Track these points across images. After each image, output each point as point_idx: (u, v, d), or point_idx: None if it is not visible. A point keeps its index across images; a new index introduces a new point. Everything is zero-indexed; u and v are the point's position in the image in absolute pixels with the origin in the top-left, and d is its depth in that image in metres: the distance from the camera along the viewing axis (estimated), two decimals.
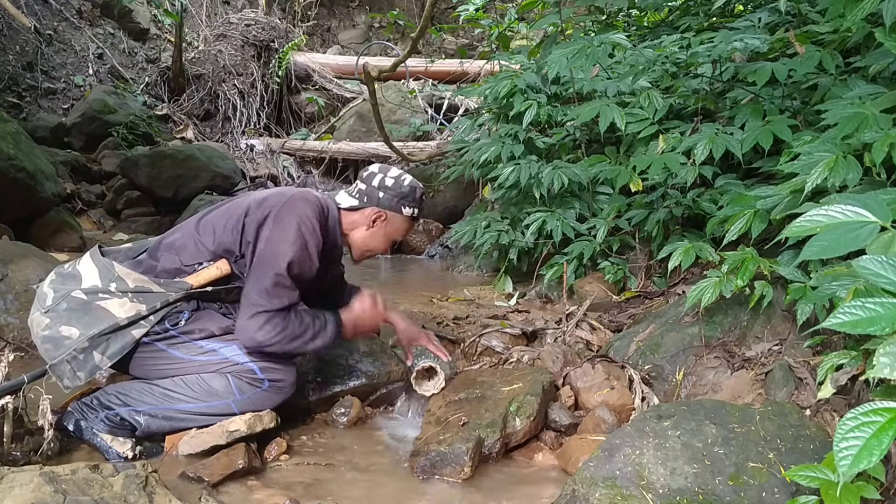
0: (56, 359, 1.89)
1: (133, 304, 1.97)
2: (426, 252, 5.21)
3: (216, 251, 2.08)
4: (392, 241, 2.31)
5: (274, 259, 1.99)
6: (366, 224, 2.25)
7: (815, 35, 2.83)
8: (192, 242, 2.09)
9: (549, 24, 3.92)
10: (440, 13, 10.06)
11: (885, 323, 1.15)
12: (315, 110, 8.35)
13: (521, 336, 2.80)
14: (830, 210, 1.37)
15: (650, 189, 3.17)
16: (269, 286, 1.97)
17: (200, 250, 2.08)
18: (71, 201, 5.94)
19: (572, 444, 2.05)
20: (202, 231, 2.11)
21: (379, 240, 2.28)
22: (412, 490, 1.87)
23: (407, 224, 2.30)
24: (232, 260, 2.09)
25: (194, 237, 2.10)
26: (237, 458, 1.90)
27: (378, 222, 2.25)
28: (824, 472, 1.34)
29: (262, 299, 1.97)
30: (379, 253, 2.35)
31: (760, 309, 2.25)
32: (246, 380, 2.02)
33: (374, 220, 2.25)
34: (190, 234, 2.11)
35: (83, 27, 8.15)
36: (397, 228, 2.28)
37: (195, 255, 2.08)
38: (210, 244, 2.08)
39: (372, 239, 2.28)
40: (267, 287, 1.97)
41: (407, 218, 2.27)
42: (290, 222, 2.02)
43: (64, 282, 2.02)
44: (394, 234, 2.29)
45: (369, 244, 2.29)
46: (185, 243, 2.10)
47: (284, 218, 2.03)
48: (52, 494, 1.46)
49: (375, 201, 2.23)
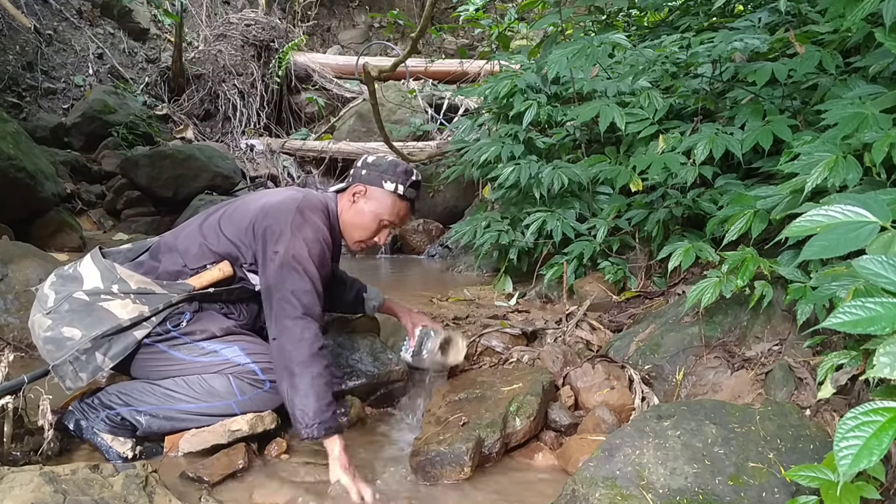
0: (58, 359, 1.89)
1: (136, 306, 1.97)
2: (426, 252, 5.21)
3: (221, 253, 2.08)
4: (379, 222, 2.18)
5: (306, 271, 1.96)
6: (349, 202, 2.19)
7: (815, 35, 2.83)
8: (196, 245, 2.09)
9: (549, 24, 3.92)
10: (440, 13, 10.06)
11: (885, 322, 1.15)
12: (315, 110, 8.36)
13: (521, 336, 2.79)
14: (830, 210, 1.37)
15: (650, 189, 3.17)
16: (312, 297, 1.95)
17: (205, 253, 2.08)
18: (71, 201, 5.94)
19: (572, 444, 2.05)
20: (207, 234, 2.10)
21: (363, 218, 2.17)
22: (412, 490, 1.87)
23: (391, 199, 2.16)
24: (236, 264, 2.10)
25: (199, 240, 2.09)
26: (237, 458, 1.91)
27: (358, 197, 2.17)
28: (824, 472, 1.34)
29: (306, 307, 1.93)
30: (370, 238, 2.22)
31: (760, 309, 2.25)
32: (247, 380, 2.02)
33: (355, 195, 2.18)
34: (194, 237, 2.11)
35: (83, 27, 8.15)
36: (381, 204, 2.16)
37: (199, 257, 2.08)
38: (216, 247, 2.08)
39: (356, 217, 2.18)
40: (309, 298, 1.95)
41: (389, 193, 2.15)
42: (307, 235, 2.00)
43: (65, 283, 2.02)
44: (380, 211, 2.16)
45: (354, 222, 2.18)
46: (188, 246, 2.09)
47: (302, 231, 2.00)
48: (52, 494, 1.46)
49: (358, 179, 2.19)
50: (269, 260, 1.98)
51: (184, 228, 2.19)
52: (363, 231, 2.19)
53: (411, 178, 2.19)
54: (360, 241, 2.22)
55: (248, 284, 2.13)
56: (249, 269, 2.11)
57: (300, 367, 1.85)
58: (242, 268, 2.11)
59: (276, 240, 1.99)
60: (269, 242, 2.00)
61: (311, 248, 1.99)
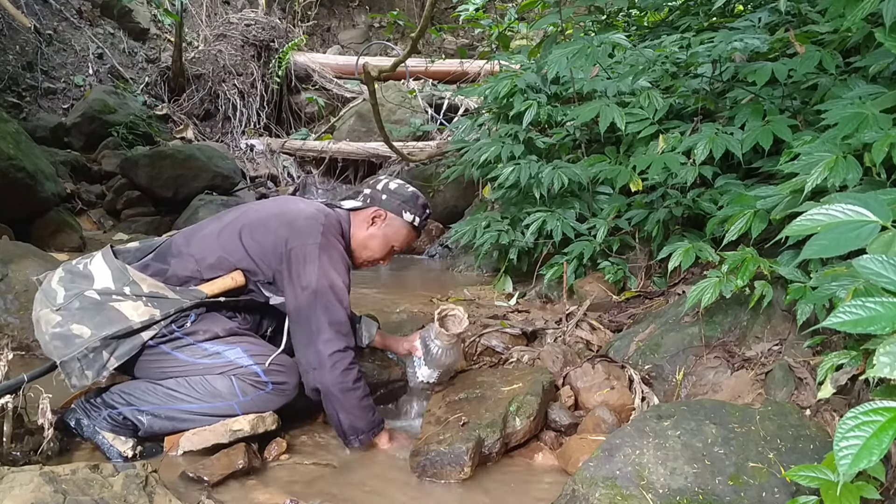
0: (66, 356, 1.89)
1: (147, 309, 1.98)
2: (426, 252, 5.21)
3: (240, 267, 2.10)
4: (391, 247, 2.29)
5: (338, 298, 2.03)
6: (366, 223, 2.26)
7: (815, 35, 2.83)
8: (213, 256, 2.09)
9: (549, 24, 3.92)
10: (440, 13, 10.05)
11: (885, 322, 1.15)
12: (315, 110, 8.36)
13: (521, 336, 2.79)
14: (831, 209, 1.37)
15: (650, 189, 3.17)
16: (342, 326, 2.03)
17: (223, 265, 2.09)
18: (71, 201, 5.94)
19: (572, 444, 2.05)
20: (227, 246, 2.10)
21: (377, 241, 2.27)
22: (412, 490, 1.87)
23: (406, 230, 2.29)
24: (251, 277, 2.11)
25: (217, 252, 2.09)
26: (237, 458, 1.91)
27: (377, 221, 2.25)
28: (824, 472, 1.34)
29: (340, 339, 2.02)
30: (377, 259, 2.32)
31: (760, 309, 2.25)
32: (249, 382, 2.02)
33: (374, 219, 2.25)
34: (212, 247, 2.10)
35: (83, 27, 8.15)
36: (397, 232, 2.27)
37: (216, 268, 2.09)
38: (236, 261, 2.09)
39: (370, 239, 2.26)
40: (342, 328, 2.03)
41: (407, 224, 2.27)
42: (334, 258, 2.07)
43: (74, 280, 2.02)
44: (393, 238, 2.28)
45: (367, 244, 2.27)
46: (205, 255, 2.09)
47: (330, 254, 2.06)
48: (52, 494, 1.46)
49: (378, 202, 2.26)
50: (299, 287, 2.03)
51: (196, 233, 2.18)
52: (373, 253, 2.29)
53: (427, 211, 2.32)
54: (367, 260, 2.32)
55: (259, 297, 2.16)
56: (264, 284, 2.12)
57: (346, 394, 2.00)
58: (257, 283, 2.12)
59: (304, 265, 2.03)
60: (296, 265, 2.04)
61: (342, 276, 2.07)
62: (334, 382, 1.98)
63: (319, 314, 1.99)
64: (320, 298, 2.00)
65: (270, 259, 2.08)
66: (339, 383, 1.98)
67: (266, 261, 2.09)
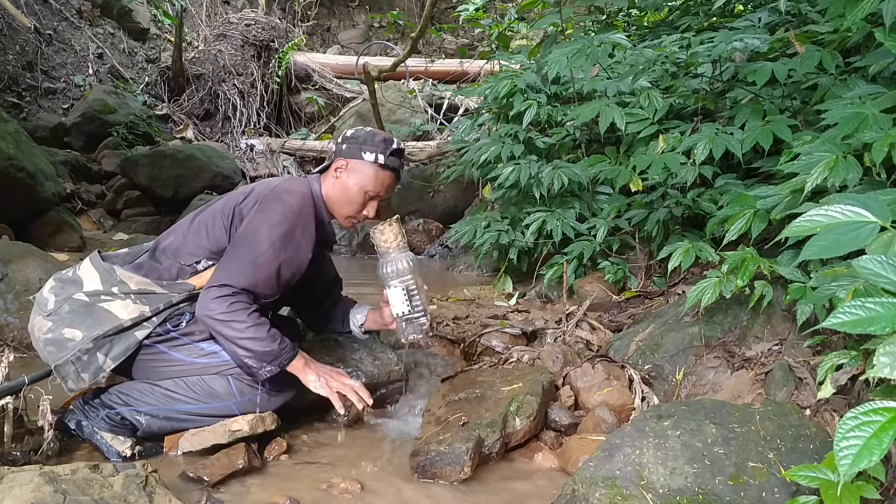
0: (60, 360, 1.89)
1: (136, 306, 1.97)
2: (426, 252, 5.21)
3: (211, 248, 2.07)
4: (364, 194, 2.16)
5: (254, 240, 1.98)
6: (332, 178, 2.18)
7: (815, 35, 2.83)
8: (186, 242, 2.09)
9: (549, 24, 3.92)
10: (440, 13, 10.06)
11: (885, 322, 1.15)
12: (315, 110, 8.36)
13: (521, 336, 2.79)
14: (830, 210, 1.37)
15: (650, 189, 3.17)
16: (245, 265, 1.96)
17: (196, 249, 2.08)
18: (71, 201, 5.95)
19: (572, 444, 2.05)
20: (196, 230, 2.11)
21: (349, 193, 2.15)
22: (412, 490, 1.87)
23: (373, 170, 2.14)
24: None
25: (189, 237, 2.10)
26: (237, 458, 1.90)
27: (340, 172, 2.16)
28: (824, 472, 1.34)
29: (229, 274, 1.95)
30: (358, 211, 2.19)
31: (760, 309, 2.25)
32: (247, 382, 2.02)
33: (337, 170, 2.17)
34: (184, 235, 2.11)
35: (83, 27, 8.15)
36: (364, 176, 2.14)
37: (191, 253, 2.08)
38: (205, 242, 2.08)
39: (342, 192, 2.16)
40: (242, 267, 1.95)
41: (370, 163, 2.14)
42: (274, 209, 2.02)
43: (64, 287, 2.02)
44: (363, 183, 2.14)
45: (340, 198, 2.17)
46: (179, 245, 2.10)
47: (269, 205, 2.03)
48: (52, 494, 1.46)
49: (339, 154, 2.18)
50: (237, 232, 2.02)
51: (176, 228, 2.19)
52: (350, 206, 2.18)
53: (391, 146, 2.17)
54: (349, 216, 2.21)
55: None
56: None
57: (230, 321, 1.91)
58: None
59: (246, 216, 2.03)
60: (242, 219, 2.04)
61: (276, 223, 2.00)
62: (216, 311, 1.90)
63: (228, 258, 1.98)
64: (235, 243, 2.00)
65: (223, 226, 2.07)
66: (218, 311, 1.89)
67: (224, 228, 2.07)
